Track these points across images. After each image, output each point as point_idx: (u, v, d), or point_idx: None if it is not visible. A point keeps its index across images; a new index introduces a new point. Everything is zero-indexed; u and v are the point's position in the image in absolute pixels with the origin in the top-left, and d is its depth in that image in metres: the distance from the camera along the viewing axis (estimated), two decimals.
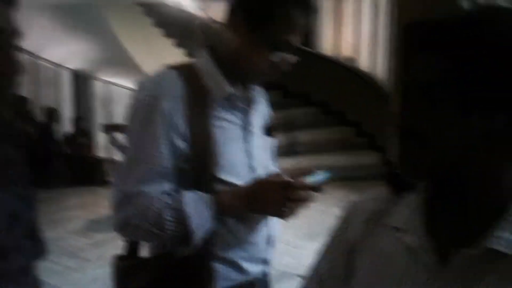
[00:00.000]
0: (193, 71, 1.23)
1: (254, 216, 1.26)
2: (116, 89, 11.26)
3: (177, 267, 1.20)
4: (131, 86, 8.57)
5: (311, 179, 1.19)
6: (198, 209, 1.15)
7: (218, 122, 1.22)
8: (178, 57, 8.27)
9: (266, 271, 1.37)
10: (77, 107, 11.54)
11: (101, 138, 8.92)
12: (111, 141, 6.43)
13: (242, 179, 1.25)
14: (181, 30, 8.91)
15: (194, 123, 1.18)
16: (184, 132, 1.17)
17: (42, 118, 8.80)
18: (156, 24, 9.00)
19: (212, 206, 1.17)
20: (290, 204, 1.18)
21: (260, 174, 1.30)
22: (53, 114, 8.57)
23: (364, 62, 7.72)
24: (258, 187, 1.20)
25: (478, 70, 0.60)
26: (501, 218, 0.64)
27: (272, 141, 1.44)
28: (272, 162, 1.44)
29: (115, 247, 3.62)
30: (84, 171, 8.28)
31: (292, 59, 1.22)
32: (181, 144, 1.16)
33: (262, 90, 1.36)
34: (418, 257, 0.69)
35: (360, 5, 7.77)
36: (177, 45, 8.98)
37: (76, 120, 9.39)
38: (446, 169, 0.65)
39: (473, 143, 0.62)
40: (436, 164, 0.66)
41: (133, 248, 1.31)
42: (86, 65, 10.93)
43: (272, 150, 1.45)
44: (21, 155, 0.88)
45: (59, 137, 8.91)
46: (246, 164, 1.28)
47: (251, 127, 1.31)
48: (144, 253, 1.32)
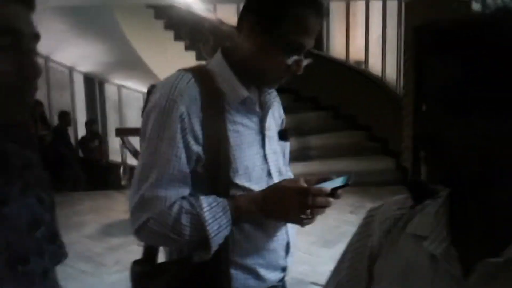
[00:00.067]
0: (207, 74, 1.23)
1: (271, 222, 1.25)
2: (128, 92, 11.31)
3: (194, 273, 1.19)
4: (143, 89, 8.61)
5: (329, 185, 1.18)
6: (215, 214, 1.14)
7: (234, 126, 1.22)
8: (188, 59, 8.29)
9: (283, 279, 1.36)
10: (89, 111, 11.60)
11: (114, 142, 8.95)
12: (124, 144, 6.46)
13: (258, 184, 1.24)
14: (191, 33, 8.93)
15: (209, 127, 1.17)
16: (200, 136, 1.16)
17: (55, 121, 8.88)
18: (166, 26, 9.04)
19: (229, 212, 1.16)
20: (308, 210, 1.17)
21: (275, 179, 1.29)
22: (65, 118, 8.63)
23: (374, 65, 7.68)
24: (275, 193, 1.19)
25: (496, 73, 0.59)
26: None
27: (287, 145, 1.43)
28: (287, 167, 1.43)
29: (131, 252, 3.63)
30: (97, 175, 8.32)
31: (305, 62, 1.22)
32: (197, 148, 1.16)
33: (275, 93, 1.35)
34: (442, 266, 0.68)
35: (370, 8, 7.73)
36: (187, 47, 9.01)
37: (88, 123, 9.44)
38: (468, 175, 0.64)
39: (495, 148, 0.61)
40: (458, 170, 0.65)
41: (150, 253, 1.31)
42: (98, 68, 10.99)
43: (286, 155, 1.44)
44: (39, 159, 0.88)
45: (72, 141, 8.97)
46: (262, 168, 1.27)
47: (266, 131, 1.30)
48: (161, 258, 1.31)
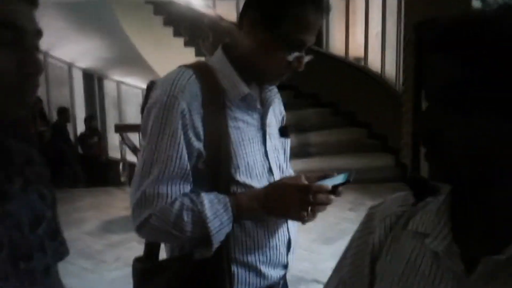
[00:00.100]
0: (208, 71, 1.23)
1: (273, 219, 1.25)
2: (127, 88, 11.29)
3: (195, 270, 1.19)
4: (142, 85, 8.60)
5: (329, 182, 1.18)
6: (217, 211, 1.14)
7: (234, 123, 1.22)
8: (187, 55, 8.27)
9: (285, 276, 1.36)
10: (88, 107, 11.58)
11: (113, 138, 8.94)
12: (123, 141, 6.45)
13: (259, 181, 1.24)
14: (190, 29, 8.92)
15: (210, 123, 1.17)
16: (201, 132, 1.16)
17: (54, 118, 8.86)
18: (166, 22, 9.02)
19: (230, 208, 1.16)
20: (309, 207, 1.17)
21: (276, 176, 1.29)
22: (65, 114, 8.61)
23: (374, 62, 7.67)
24: (276, 190, 1.19)
25: (497, 72, 0.59)
26: None
27: (287, 142, 1.43)
28: (287, 164, 1.43)
29: (131, 249, 3.63)
30: (97, 172, 8.31)
31: (306, 59, 1.22)
32: (198, 144, 1.16)
33: (276, 90, 1.35)
34: (444, 263, 0.68)
35: (369, 5, 7.72)
36: (186, 43, 8.99)
37: (88, 120, 9.42)
38: (469, 174, 0.64)
39: (495, 148, 0.61)
40: (458, 169, 0.65)
41: (151, 250, 1.31)
42: (97, 64, 10.96)
43: (287, 151, 1.44)
44: (40, 155, 0.88)
45: (71, 137, 8.96)
46: (263, 165, 1.27)
47: (267, 128, 1.30)
48: (162, 255, 1.31)
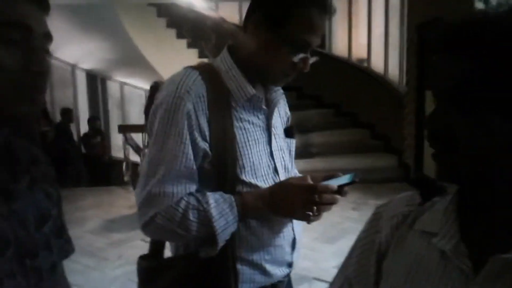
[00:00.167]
0: (214, 72, 1.23)
1: (277, 219, 1.26)
2: (130, 89, 11.32)
3: (200, 269, 1.19)
4: (145, 86, 8.61)
5: (335, 182, 1.18)
6: (222, 210, 1.15)
7: (240, 123, 1.22)
8: (190, 57, 8.29)
9: (289, 274, 1.36)
10: (92, 108, 11.61)
11: (116, 139, 8.96)
12: (126, 141, 6.46)
13: (264, 181, 1.24)
14: (193, 30, 8.94)
15: (216, 124, 1.18)
16: (206, 132, 1.17)
17: (57, 118, 8.89)
18: (169, 24, 9.05)
19: (236, 208, 1.16)
20: (315, 207, 1.17)
21: (282, 176, 1.30)
22: (68, 115, 8.64)
23: (376, 63, 7.67)
24: (282, 190, 1.20)
25: (503, 71, 0.60)
26: None
27: (292, 142, 1.43)
28: (292, 164, 1.43)
29: (133, 247, 3.65)
30: (100, 171, 8.34)
31: (312, 60, 1.22)
32: (203, 144, 1.16)
33: (281, 91, 1.35)
34: (452, 262, 0.68)
35: (372, 6, 7.72)
36: (189, 45, 9.01)
37: (91, 120, 9.44)
38: (478, 173, 0.64)
39: (500, 145, 0.61)
40: (468, 168, 0.65)
41: (156, 248, 1.31)
42: (101, 65, 10.99)
43: (292, 152, 1.44)
44: (45, 154, 0.89)
45: (75, 137, 8.98)
46: (269, 165, 1.27)
47: (273, 129, 1.30)
48: (167, 253, 1.32)
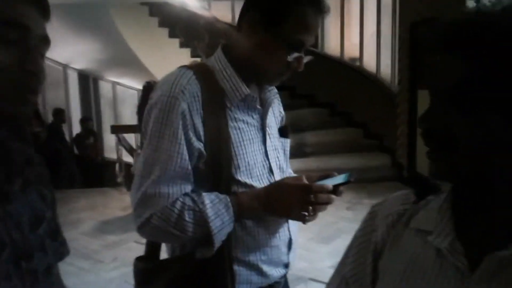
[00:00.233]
0: (208, 72, 1.23)
1: (273, 219, 1.26)
2: (123, 89, 11.27)
3: (197, 269, 1.19)
4: (138, 86, 8.58)
5: (330, 182, 1.18)
6: (218, 211, 1.15)
7: (235, 123, 1.22)
8: (183, 56, 8.27)
9: (285, 275, 1.36)
10: (84, 108, 11.55)
11: (109, 139, 8.92)
12: (119, 142, 6.44)
13: (259, 181, 1.24)
14: (186, 30, 8.91)
15: (210, 124, 1.17)
16: (201, 132, 1.16)
17: (49, 119, 8.83)
18: (161, 23, 9.02)
19: (231, 208, 1.16)
20: (310, 207, 1.17)
21: (277, 176, 1.30)
22: (60, 115, 8.59)
23: (369, 62, 7.68)
24: (278, 190, 1.20)
25: (500, 71, 0.60)
26: None
27: (287, 142, 1.43)
28: (287, 164, 1.43)
29: (128, 249, 3.64)
30: (93, 172, 8.31)
31: (306, 59, 1.22)
32: (198, 144, 1.16)
33: (275, 90, 1.35)
34: (448, 260, 0.68)
35: (364, 5, 7.73)
36: (182, 44, 8.98)
37: (83, 121, 9.39)
38: (478, 172, 0.65)
39: (500, 144, 0.62)
40: (467, 168, 0.65)
41: (152, 249, 1.30)
42: (93, 65, 10.94)
43: (287, 151, 1.44)
44: (39, 155, 0.88)
45: (67, 138, 8.93)
46: (263, 165, 1.27)
47: (267, 128, 1.30)
48: (164, 255, 1.31)
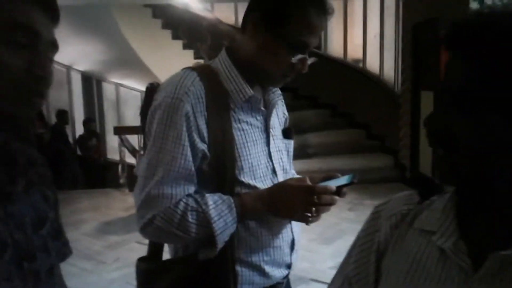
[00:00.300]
0: (212, 73, 1.23)
1: (276, 220, 1.26)
2: (126, 91, 11.29)
3: (200, 270, 1.19)
4: (141, 88, 8.60)
5: (334, 183, 1.18)
6: (221, 212, 1.15)
7: (239, 124, 1.22)
8: (186, 58, 8.28)
9: (288, 276, 1.36)
10: (87, 109, 11.57)
11: (112, 141, 8.93)
12: (122, 143, 6.45)
13: (263, 182, 1.25)
14: (189, 32, 8.93)
15: (214, 125, 1.18)
16: (205, 134, 1.16)
17: (52, 120, 8.86)
18: (164, 25, 9.04)
19: (234, 209, 1.16)
20: (314, 208, 1.18)
21: (280, 177, 1.30)
22: (63, 116, 8.62)
23: (372, 64, 7.68)
24: (281, 191, 1.20)
25: (501, 71, 0.60)
26: None
27: (290, 143, 1.44)
28: (291, 165, 1.43)
29: (130, 250, 3.64)
30: (96, 173, 8.32)
31: (310, 61, 1.22)
32: (202, 146, 1.16)
33: (279, 92, 1.36)
34: (452, 260, 0.68)
35: (367, 6, 7.73)
36: (185, 46, 9.00)
37: (86, 122, 9.41)
38: (478, 172, 0.65)
39: (500, 145, 0.62)
40: (468, 168, 0.65)
41: (155, 250, 1.31)
42: (96, 67, 10.97)
43: (290, 153, 1.44)
44: (42, 156, 0.89)
45: (70, 139, 8.96)
46: (267, 166, 1.27)
47: (271, 130, 1.31)
48: (166, 255, 1.31)
